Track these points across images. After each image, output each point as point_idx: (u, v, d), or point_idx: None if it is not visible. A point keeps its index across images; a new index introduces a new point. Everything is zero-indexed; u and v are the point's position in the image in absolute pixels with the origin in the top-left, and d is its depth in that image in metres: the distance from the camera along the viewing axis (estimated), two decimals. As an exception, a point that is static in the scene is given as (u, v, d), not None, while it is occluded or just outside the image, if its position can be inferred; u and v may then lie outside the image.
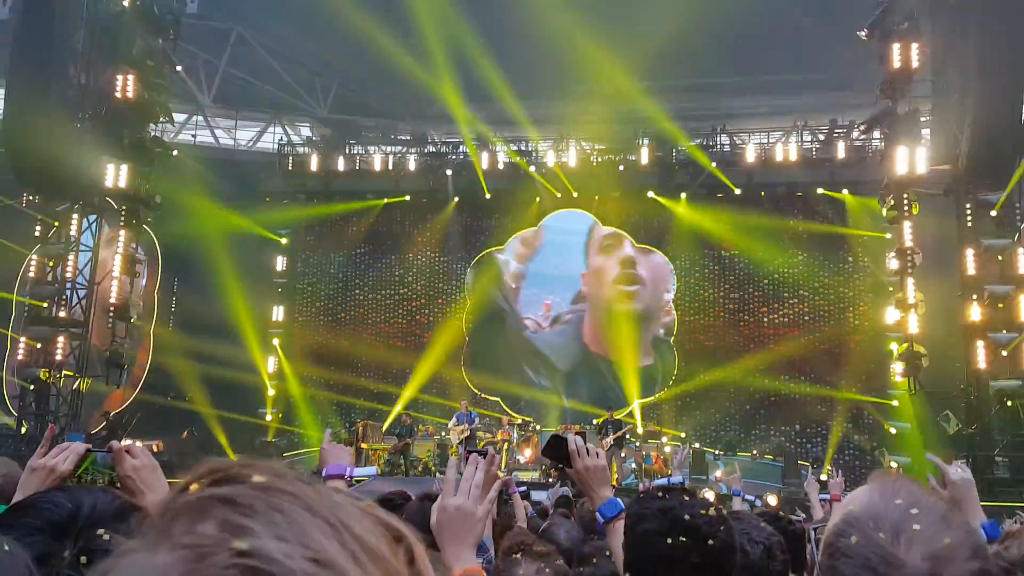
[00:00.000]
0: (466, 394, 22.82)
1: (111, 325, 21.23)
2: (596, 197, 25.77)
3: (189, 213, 22.95)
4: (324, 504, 0.70)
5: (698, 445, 20.36)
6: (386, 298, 26.44)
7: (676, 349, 24.85)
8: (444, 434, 20.11)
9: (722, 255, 25.03)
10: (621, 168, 25.41)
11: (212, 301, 23.50)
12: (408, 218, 26.78)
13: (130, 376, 22.93)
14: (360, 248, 26.83)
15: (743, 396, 24.00)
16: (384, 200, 26.53)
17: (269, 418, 24.32)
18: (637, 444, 20.49)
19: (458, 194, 26.15)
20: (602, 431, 18.05)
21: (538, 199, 25.89)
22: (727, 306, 24.94)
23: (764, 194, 24.62)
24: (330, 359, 25.25)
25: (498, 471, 3.18)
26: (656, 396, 24.47)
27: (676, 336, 24.95)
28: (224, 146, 29.08)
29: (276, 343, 25.36)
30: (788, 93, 26.26)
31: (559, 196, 25.66)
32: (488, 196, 25.72)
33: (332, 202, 26.44)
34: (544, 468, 17.26)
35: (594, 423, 19.69)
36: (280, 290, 26.19)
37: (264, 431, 22.58)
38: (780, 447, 23.08)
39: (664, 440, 21.16)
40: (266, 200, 26.25)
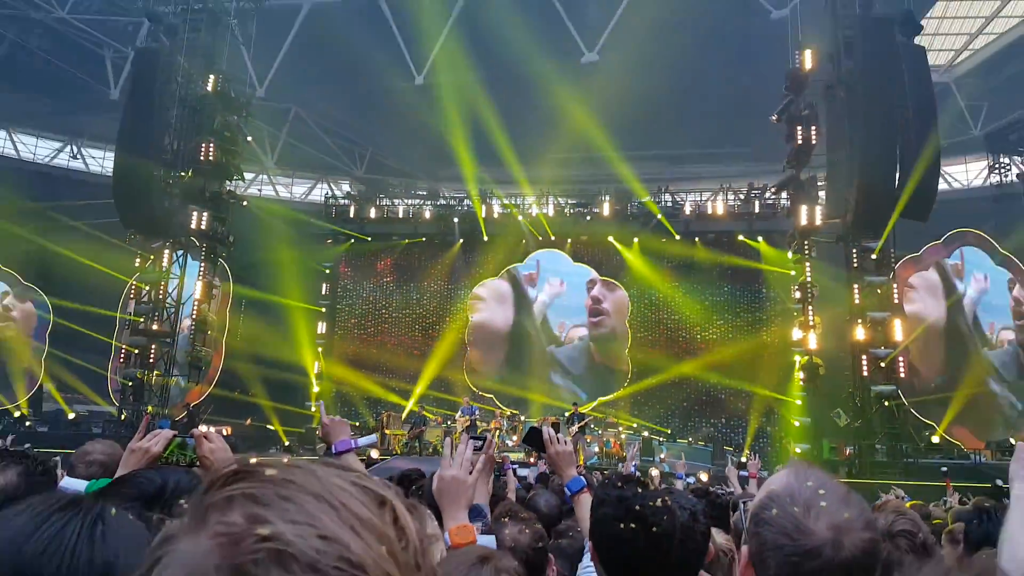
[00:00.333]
0: (467, 392, 22.76)
1: (192, 336, 21.22)
2: (569, 240, 25.83)
3: (255, 249, 22.95)
4: (324, 488, 0.69)
5: (647, 433, 20.26)
6: (406, 316, 26.28)
7: (630, 358, 24.80)
8: (451, 423, 19.97)
9: (666, 285, 25.04)
10: (588, 217, 25.56)
11: (270, 317, 23.48)
12: (424, 254, 26.66)
13: (206, 375, 22.88)
14: (386, 278, 26.77)
15: (681, 395, 23.97)
16: (405, 240, 26.52)
17: (313, 409, 24.14)
18: (600, 431, 20.39)
19: (462, 236, 26.13)
20: (570, 421, 17.98)
21: (524, 240, 25.94)
22: (669, 325, 24.91)
23: (698, 240, 24.70)
24: (361, 363, 25.05)
25: (494, 453, 3.19)
26: (614, 395, 24.41)
27: (630, 349, 24.89)
28: (282, 198, 29.13)
29: (319, 351, 25.24)
30: (716, 162, 26.53)
31: (540, 238, 25.71)
32: (486, 238, 25.74)
33: (365, 242, 26.40)
34: (527, 451, 17.18)
35: (565, 415, 19.60)
36: (323, 310, 26.05)
37: (309, 419, 22.39)
38: (709, 435, 23.04)
39: (620, 429, 21.05)
40: (314, 239, 26.10)
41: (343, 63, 22.88)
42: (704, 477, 10.36)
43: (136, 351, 20.43)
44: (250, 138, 22.99)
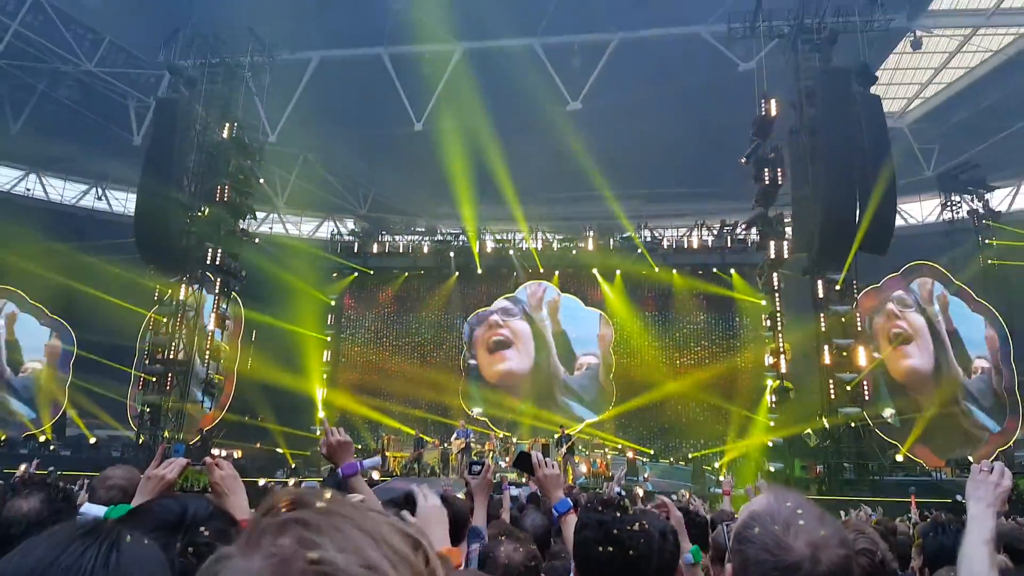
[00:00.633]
0: (463, 416, 22.62)
1: (206, 364, 21.09)
2: (556, 272, 25.86)
3: (266, 282, 22.90)
4: (368, 523, 0.71)
5: (631, 454, 20.12)
6: (405, 345, 26.11)
7: (615, 383, 24.77)
8: (447, 445, 19.74)
9: (646, 315, 25.08)
10: (574, 251, 25.63)
11: (279, 346, 23.36)
12: (423, 286, 26.57)
13: (219, 401, 22.68)
14: (387, 309, 26.66)
15: (662, 417, 23.84)
16: (405, 273, 26.47)
17: (318, 432, 23.88)
18: (587, 452, 20.24)
19: (458, 269, 26.11)
20: (559, 443, 17.86)
21: (515, 273, 25.99)
22: (650, 352, 24.82)
23: (676, 272, 24.78)
24: (363, 389, 24.86)
25: (491, 476, 3.18)
26: (600, 416, 24.30)
27: (614, 374, 24.85)
28: (292, 235, 29.16)
29: (325, 377, 25.07)
30: (691, 201, 26.77)
31: (530, 271, 25.76)
32: (480, 271, 25.78)
33: (368, 275, 26.37)
34: (518, 472, 16.99)
35: (554, 437, 19.48)
36: (329, 339, 25.92)
37: (315, 442, 22.13)
38: (688, 456, 22.90)
39: (606, 449, 20.91)
40: (320, 273, 26.05)
41: (348, 111, 23.14)
42: (686, 495, 10.28)
43: (154, 379, 20.30)
44: (262, 180, 23.07)
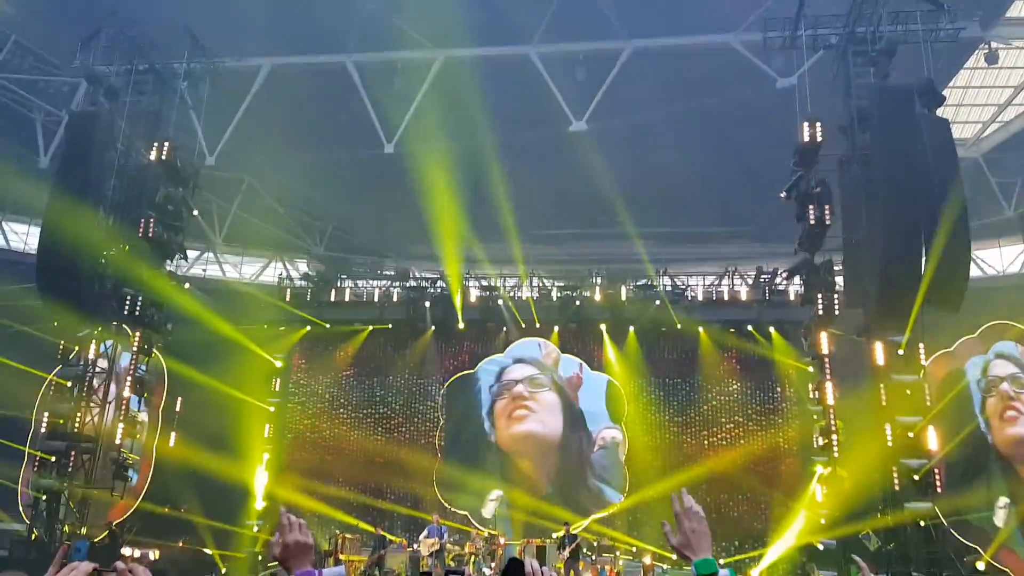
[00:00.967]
0: (437, 508, 22.45)
1: (119, 440, 20.87)
2: (556, 327, 25.92)
3: (197, 339, 22.77)
4: None
5: (649, 559, 19.94)
6: (367, 417, 25.98)
7: (627, 466, 24.64)
8: (415, 547, 19.57)
9: (666, 382, 25.10)
10: (577, 302, 25.72)
11: (211, 418, 23.17)
12: (390, 344, 26.61)
13: (132, 487, 22.35)
14: (346, 372, 26.63)
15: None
16: (369, 328, 26.47)
17: (257, 529, 23.63)
18: (593, 557, 20.05)
19: (434, 323, 26.18)
20: (561, 546, 17.74)
21: (504, 329, 26.08)
22: (671, 428, 24.76)
23: (702, 330, 24.86)
24: (314, 473, 24.73)
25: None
26: (608, 509, 24.14)
27: (627, 455, 24.74)
28: (231, 279, 29.19)
29: (266, 458, 24.91)
30: (717, 242, 26.97)
31: (524, 326, 25.84)
32: (462, 325, 25.81)
33: (324, 330, 26.38)
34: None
35: (554, 536, 19.36)
36: (273, 409, 25.79)
37: (253, 541, 21.95)
38: (720, 562, 22.61)
39: (617, 553, 20.71)
40: (264, 327, 26.02)
41: (304, 129, 23.27)
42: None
43: (52, 458, 19.98)
44: (196, 212, 23.11)
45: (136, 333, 21.06)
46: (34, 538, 19.17)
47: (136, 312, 20.51)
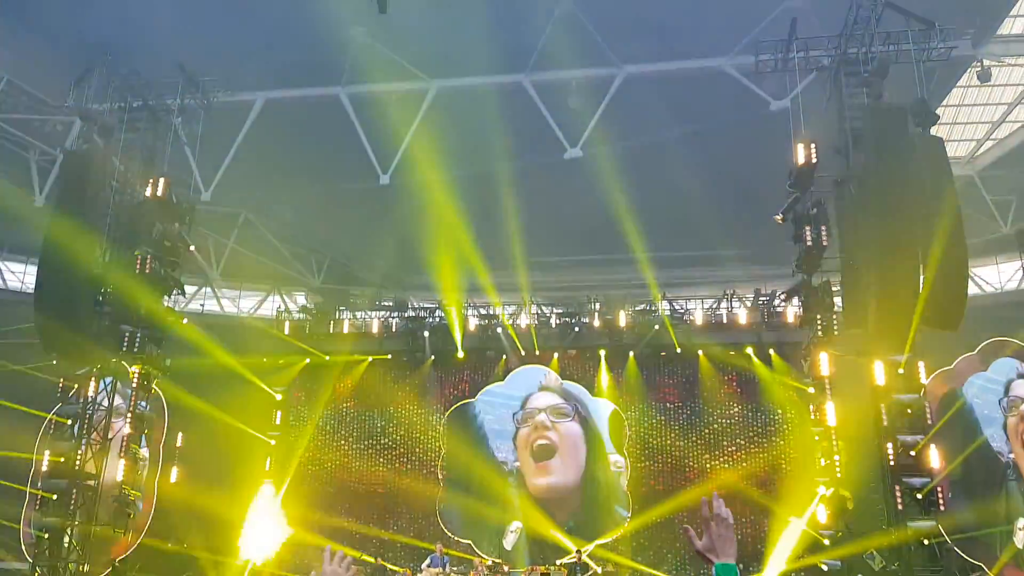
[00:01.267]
0: (440, 538, 22.17)
1: (120, 477, 20.60)
2: (555, 354, 25.80)
3: (196, 373, 22.61)
4: None
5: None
6: (368, 448, 25.79)
7: (630, 492, 24.38)
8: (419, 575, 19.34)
9: (667, 406, 24.92)
10: (576, 328, 25.59)
11: (212, 453, 22.98)
12: (390, 375, 26.43)
13: (135, 523, 22.09)
14: (346, 403, 26.47)
15: (688, 537, 23.36)
16: (369, 358, 26.32)
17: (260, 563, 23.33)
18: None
19: (434, 353, 26.06)
20: (572, 573, 17.46)
21: (504, 357, 25.92)
22: (673, 453, 24.62)
23: (702, 354, 24.78)
24: (315, 505, 24.52)
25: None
26: (612, 533, 23.85)
27: (629, 480, 24.50)
28: (229, 313, 29.04)
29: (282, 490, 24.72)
30: (714, 265, 26.89)
31: (523, 353, 25.69)
32: (461, 354, 25.66)
33: (323, 362, 26.18)
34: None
35: (558, 563, 19.07)
36: (273, 442, 25.55)
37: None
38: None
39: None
40: (264, 360, 25.81)
41: (299, 163, 23.19)
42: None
43: (54, 496, 19.75)
44: (193, 247, 23.00)
45: (135, 369, 20.83)
46: (36, 577, 18.95)
47: (135, 348, 20.28)
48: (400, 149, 21.94)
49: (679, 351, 24.67)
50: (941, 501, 18.70)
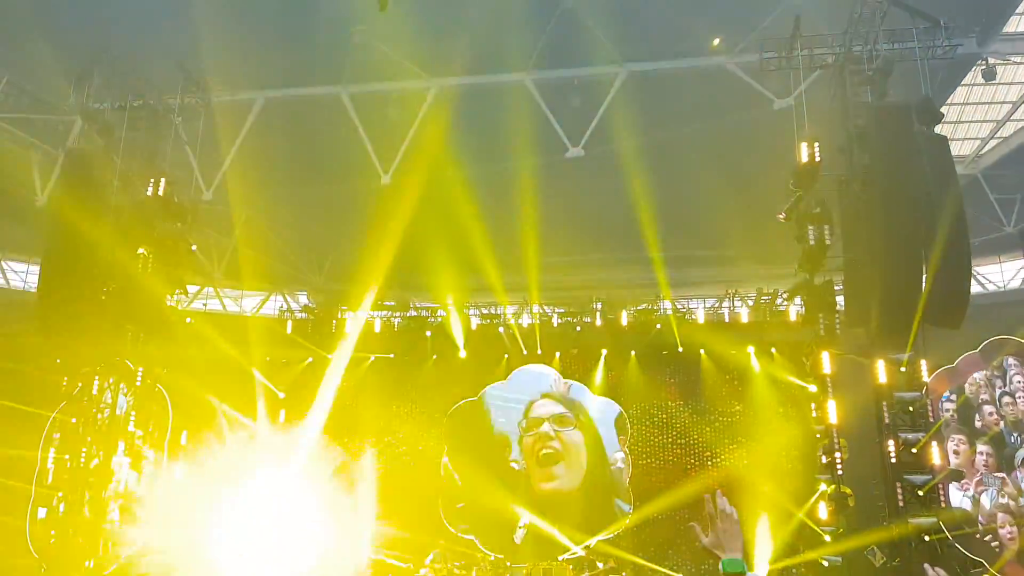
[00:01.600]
0: (442, 534, 22.14)
1: (125, 475, 20.47)
2: (558, 353, 25.69)
3: (199, 372, 22.53)
4: None
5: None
6: (371, 447, 25.59)
7: (631, 489, 24.30)
8: (422, 572, 19.22)
9: (669, 405, 24.78)
10: (578, 328, 25.45)
11: (216, 451, 22.84)
12: (392, 374, 26.33)
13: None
14: (349, 402, 26.27)
15: (692, 533, 23.32)
16: (371, 358, 26.20)
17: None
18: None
19: (435, 352, 26.00)
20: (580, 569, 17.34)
21: (506, 356, 25.83)
22: (675, 451, 24.50)
23: (703, 351, 24.67)
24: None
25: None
26: (613, 528, 23.80)
27: (631, 478, 24.41)
28: (231, 313, 28.90)
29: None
30: (716, 265, 26.75)
31: (525, 353, 25.59)
32: (463, 353, 25.59)
33: (326, 361, 26.00)
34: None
35: (560, 559, 18.96)
36: (277, 441, 25.43)
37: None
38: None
39: (625, 575, 20.36)
40: (267, 359, 25.65)
41: (301, 162, 23.09)
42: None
43: (59, 495, 19.68)
44: (195, 247, 22.87)
45: (139, 368, 20.80)
46: None
47: (138, 347, 20.32)
48: (401, 148, 21.79)
49: (681, 350, 24.56)
50: (942, 498, 18.63)
